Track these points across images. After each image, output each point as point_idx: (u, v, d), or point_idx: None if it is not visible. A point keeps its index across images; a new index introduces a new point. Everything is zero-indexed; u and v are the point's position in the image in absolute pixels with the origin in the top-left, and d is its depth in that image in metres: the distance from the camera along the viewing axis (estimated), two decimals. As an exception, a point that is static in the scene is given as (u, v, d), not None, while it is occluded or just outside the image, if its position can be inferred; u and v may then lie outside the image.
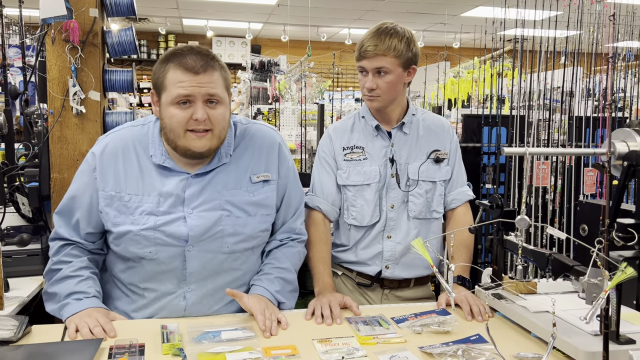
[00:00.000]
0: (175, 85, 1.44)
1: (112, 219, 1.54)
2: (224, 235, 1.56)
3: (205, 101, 1.46)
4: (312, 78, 6.20)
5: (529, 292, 1.58)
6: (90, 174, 1.56)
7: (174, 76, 1.44)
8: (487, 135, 3.39)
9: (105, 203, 1.54)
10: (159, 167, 1.54)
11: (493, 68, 3.87)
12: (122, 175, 1.54)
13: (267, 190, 1.62)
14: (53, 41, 2.19)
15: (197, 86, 1.43)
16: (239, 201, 1.57)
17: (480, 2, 7.95)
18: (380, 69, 1.77)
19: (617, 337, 1.27)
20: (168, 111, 1.46)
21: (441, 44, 8.42)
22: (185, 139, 1.47)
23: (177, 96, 1.44)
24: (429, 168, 1.89)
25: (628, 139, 1.47)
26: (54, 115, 2.22)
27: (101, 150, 1.57)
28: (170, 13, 9.40)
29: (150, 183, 1.53)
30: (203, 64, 1.44)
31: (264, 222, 1.63)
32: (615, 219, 1.42)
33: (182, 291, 1.58)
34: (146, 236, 1.52)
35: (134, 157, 1.55)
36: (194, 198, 1.53)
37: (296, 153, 5.15)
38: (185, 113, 1.45)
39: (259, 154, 1.63)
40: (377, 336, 1.44)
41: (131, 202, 1.53)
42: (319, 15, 9.04)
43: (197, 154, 1.50)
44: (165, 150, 1.55)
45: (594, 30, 3.83)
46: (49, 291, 1.56)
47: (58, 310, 1.52)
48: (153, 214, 1.52)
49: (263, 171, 1.62)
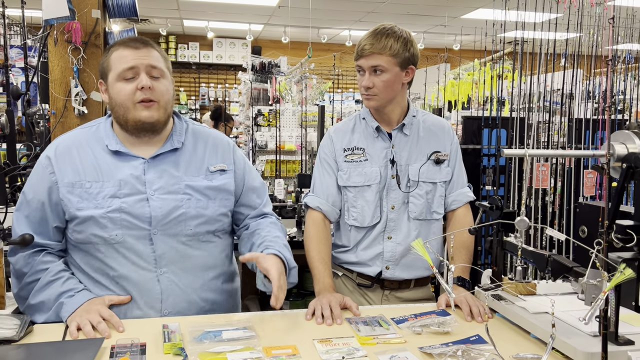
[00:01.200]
0: (120, 62, 1.54)
1: (75, 205, 1.55)
2: (186, 219, 1.60)
3: (148, 74, 1.55)
4: (313, 79, 6.21)
5: (529, 293, 1.59)
6: (45, 172, 1.58)
7: (117, 55, 1.55)
8: (487, 137, 3.40)
9: (66, 190, 1.56)
10: (115, 155, 1.59)
11: (493, 70, 3.88)
12: (79, 166, 1.58)
13: (225, 177, 1.69)
14: (55, 42, 2.20)
15: (138, 58, 1.54)
16: (199, 186, 1.63)
17: (480, 4, 7.96)
18: (376, 67, 1.78)
19: (615, 338, 1.28)
20: (115, 88, 1.55)
21: (441, 46, 8.43)
22: (134, 111, 1.55)
23: (122, 70, 1.54)
24: (429, 169, 1.90)
25: (627, 141, 1.48)
26: (56, 115, 2.23)
27: (54, 150, 1.61)
28: (171, 14, 9.41)
29: (108, 170, 1.58)
30: (143, 42, 1.58)
31: (224, 207, 1.68)
32: (614, 221, 1.43)
33: (154, 275, 1.58)
34: (112, 218, 1.54)
35: (88, 150, 1.60)
36: (154, 181, 1.59)
37: (296, 154, 5.16)
38: (132, 85, 1.54)
39: (214, 149, 1.70)
40: (377, 336, 1.45)
41: (92, 188, 1.56)
42: (320, 16, 9.05)
43: (148, 125, 1.57)
44: (119, 140, 1.61)
45: (593, 33, 3.84)
46: (33, 303, 1.54)
47: (54, 315, 1.51)
48: (116, 197, 1.55)
49: (220, 162, 1.69)
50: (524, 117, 3.43)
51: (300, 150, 4.93)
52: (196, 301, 1.64)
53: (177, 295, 1.61)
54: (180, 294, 1.61)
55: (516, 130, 3.35)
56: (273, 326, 1.52)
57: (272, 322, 1.55)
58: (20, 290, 1.59)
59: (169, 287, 1.60)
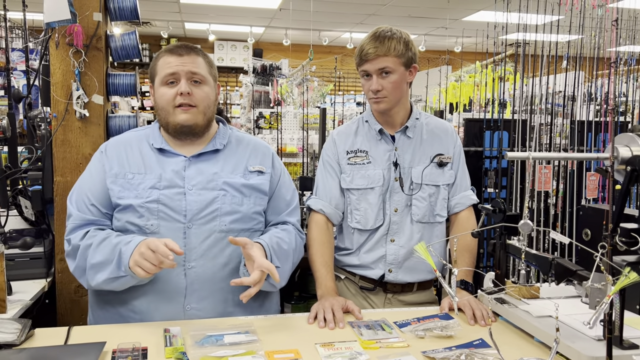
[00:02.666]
0: (164, 68, 1.65)
1: (116, 194, 1.64)
2: (221, 214, 1.64)
3: (189, 80, 1.64)
4: (314, 82, 6.21)
5: (532, 296, 1.58)
6: (98, 163, 1.71)
7: (163, 61, 1.66)
8: (489, 139, 3.39)
9: (110, 180, 1.66)
10: (159, 152, 1.69)
11: (495, 72, 3.87)
12: (125, 159, 1.69)
13: (261, 178, 1.74)
14: (57, 45, 2.19)
15: (180, 65, 1.64)
16: (236, 183, 1.68)
17: (481, 6, 7.96)
18: (383, 70, 1.79)
19: (620, 342, 1.27)
20: (159, 92, 1.66)
21: (443, 48, 8.44)
22: (174, 115, 1.65)
23: (165, 76, 1.64)
24: (432, 172, 1.89)
25: (631, 143, 1.47)
26: (58, 118, 2.22)
27: (105, 146, 1.75)
28: (173, 17, 9.43)
29: (150, 165, 1.67)
30: (187, 49, 1.67)
31: (259, 205, 1.72)
32: (618, 224, 1.42)
33: (182, 268, 1.60)
34: (150, 208, 1.62)
35: (136, 147, 1.71)
36: (193, 177, 1.66)
37: (298, 157, 5.15)
38: (172, 90, 1.64)
39: (255, 154, 1.77)
40: (380, 340, 1.44)
41: (134, 179, 1.65)
42: (321, 19, 9.06)
43: (186, 128, 1.65)
44: (164, 139, 1.71)
45: (595, 35, 3.83)
46: (94, 262, 1.56)
47: (116, 268, 1.53)
48: (156, 188, 1.63)
49: (259, 164, 1.75)
50: (526, 119, 3.41)
51: (301, 152, 4.92)
52: (219, 299, 1.64)
53: (202, 290, 1.62)
54: (204, 290, 1.62)
55: (518, 132, 3.33)
56: (275, 330, 1.52)
57: (274, 326, 1.55)
58: (78, 260, 1.60)
59: (195, 282, 1.61)
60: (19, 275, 2.02)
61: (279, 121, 4.81)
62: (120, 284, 1.56)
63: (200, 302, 1.61)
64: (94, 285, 1.58)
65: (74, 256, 1.62)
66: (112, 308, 1.64)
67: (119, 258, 1.52)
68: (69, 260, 1.64)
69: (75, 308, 2.28)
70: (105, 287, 1.58)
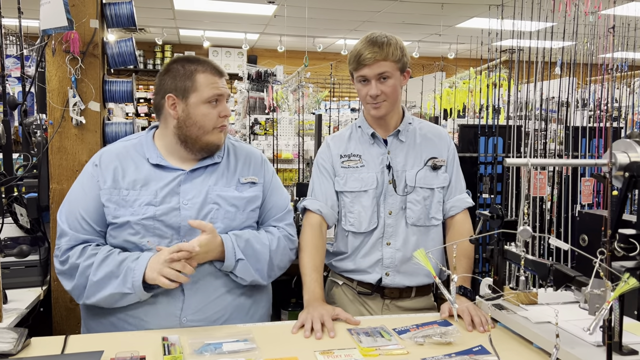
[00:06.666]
0: (209, 87, 1.64)
1: (112, 212, 1.62)
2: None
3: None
4: (309, 88, 6.22)
5: (530, 302, 1.58)
6: (91, 178, 1.66)
7: (206, 79, 1.64)
8: (483, 145, 3.40)
9: (105, 198, 1.63)
10: (155, 167, 1.67)
11: (489, 78, 3.89)
12: (120, 173, 1.65)
13: (254, 190, 1.75)
14: (53, 52, 2.19)
15: (224, 87, 1.67)
16: (229, 196, 1.69)
17: (475, 13, 8.02)
18: (382, 74, 1.80)
19: (620, 348, 1.27)
20: (199, 110, 1.64)
21: (437, 55, 8.48)
22: (212, 134, 1.66)
23: (212, 95, 1.64)
24: (426, 175, 1.90)
25: (629, 150, 1.48)
26: (54, 125, 2.22)
27: (99, 157, 1.70)
28: (167, 23, 9.43)
29: (146, 179, 1.65)
30: (221, 69, 1.70)
31: (251, 218, 1.74)
32: (616, 230, 1.42)
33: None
34: (145, 225, 1.60)
35: (130, 160, 1.68)
36: (188, 192, 1.65)
37: (293, 163, 5.15)
38: (216, 111, 1.65)
39: (247, 164, 1.78)
40: (379, 347, 1.44)
41: (129, 196, 1.63)
42: (315, 26, 9.09)
43: (216, 148, 1.69)
44: (160, 154, 1.68)
45: (587, 41, 3.86)
46: (97, 279, 1.55)
47: (122, 282, 1.52)
48: (152, 205, 1.62)
49: (251, 175, 1.77)
50: (520, 125, 3.43)
51: (297, 158, 4.92)
52: (216, 312, 1.64)
53: (198, 303, 1.61)
54: (201, 304, 1.62)
55: (513, 138, 3.35)
56: (274, 337, 1.51)
57: (273, 334, 1.54)
58: (78, 279, 1.58)
59: (191, 296, 1.61)
60: (14, 284, 2.00)
61: (274, 127, 4.82)
62: (118, 300, 1.56)
63: (197, 314, 1.61)
64: (92, 302, 1.57)
65: (71, 275, 1.60)
66: (105, 319, 1.63)
67: (126, 274, 1.52)
68: (63, 279, 1.62)
69: (71, 316, 2.26)
70: (102, 303, 1.57)
